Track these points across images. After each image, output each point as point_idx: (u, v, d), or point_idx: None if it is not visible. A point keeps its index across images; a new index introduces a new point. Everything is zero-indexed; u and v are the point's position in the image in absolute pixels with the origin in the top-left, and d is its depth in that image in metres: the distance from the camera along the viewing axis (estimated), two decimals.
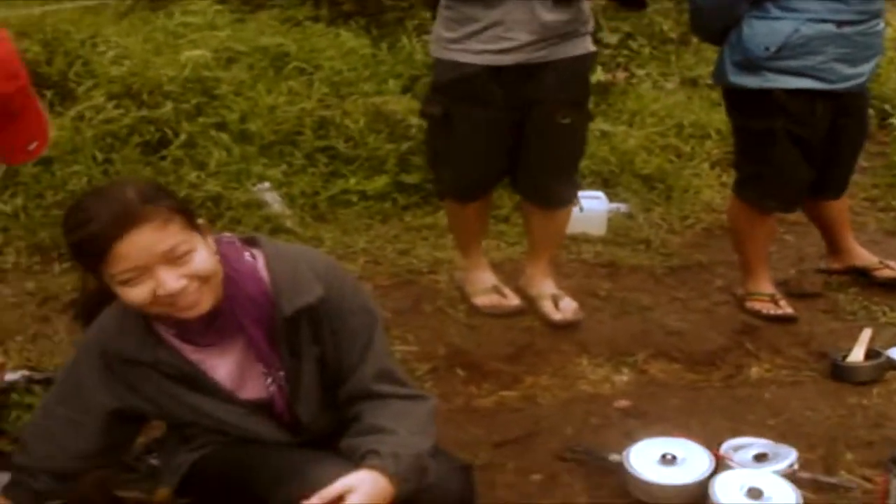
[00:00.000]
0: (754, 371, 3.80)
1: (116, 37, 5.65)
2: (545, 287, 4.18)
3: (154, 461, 2.96)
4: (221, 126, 5.26)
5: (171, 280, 2.07)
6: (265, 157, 5.25)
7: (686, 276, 4.62)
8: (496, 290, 4.21)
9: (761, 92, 3.95)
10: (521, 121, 3.90)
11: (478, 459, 3.14)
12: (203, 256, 2.12)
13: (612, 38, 7.00)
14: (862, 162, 5.88)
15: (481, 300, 4.20)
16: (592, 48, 3.97)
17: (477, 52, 3.77)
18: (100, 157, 4.97)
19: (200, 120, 5.23)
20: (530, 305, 4.17)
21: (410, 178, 5.27)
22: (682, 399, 3.60)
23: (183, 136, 5.11)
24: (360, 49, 6.25)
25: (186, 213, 2.14)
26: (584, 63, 3.95)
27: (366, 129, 5.48)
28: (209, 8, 6.22)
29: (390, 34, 6.57)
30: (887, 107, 7.01)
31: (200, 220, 2.20)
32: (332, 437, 2.32)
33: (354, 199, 5.19)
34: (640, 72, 6.91)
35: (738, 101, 4.12)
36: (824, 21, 3.84)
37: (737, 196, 4.27)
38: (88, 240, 2.05)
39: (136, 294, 2.08)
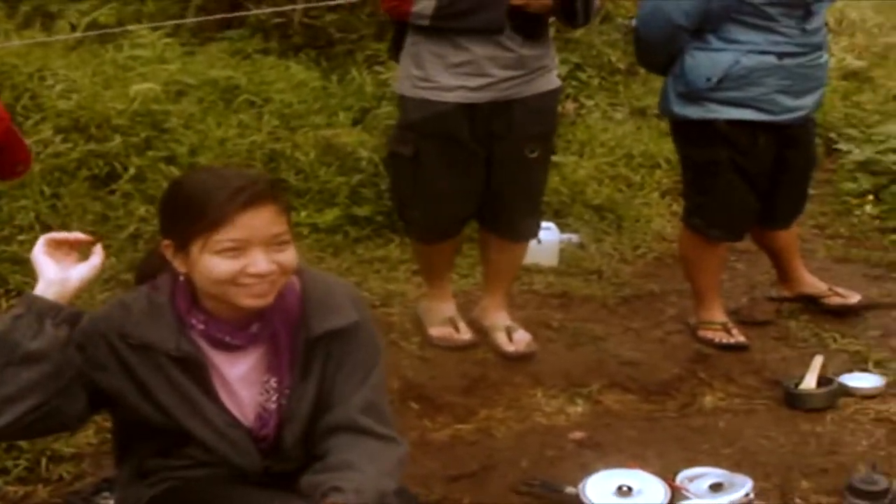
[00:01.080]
0: (708, 400, 3.81)
1: (65, 70, 5.57)
2: (499, 319, 4.16)
3: (103, 501, 2.92)
4: (171, 160, 5.19)
5: (263, 262, 2.15)
6: None
7: (638, 305, 4.64)
8: (451, 322, 4.17)
9: (704, 122, 4.00)
10: (489, 156, 3.88)
11: (433, 494, 3.13)
12: (294, 252, 2.23)
13: (561, 70, 7.03)
14: (810, 190, 5.96)
15: (435, 331, 4.16)
16: (559, 82, 4.02)
17: (450, 89, 3.76)
18: (48, 191, 4.89)
19: (150, 154, 5.16)
20: (484, 337, 4.16)
21: (361, 211, 5.25)
22: (637, 430, 3.60)
23: (132, 170, 5.05)
24: (309, 81, 6.23)
25: (289, 213, 2.26)
26: (553, 97, 4.00)
27: (316, 162, 5.46)
28: (158, 41, 6.16)
29: (340, 66, 6.57)
30: (833, 135, 7.11)
31: None
32: (294, 475, 2.29)
33: (305, 231, 5.14)
34: (590, 102, 6.96)
35: (683, 132, 4.17)
36: (765, 53, 3.89)
37: (685, 225, 4.31)
38: (217, 203, 2.13)
39: (227, 266, 2.14)
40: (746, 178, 4.07)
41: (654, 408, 3.77)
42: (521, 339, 4.09)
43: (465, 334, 4.15)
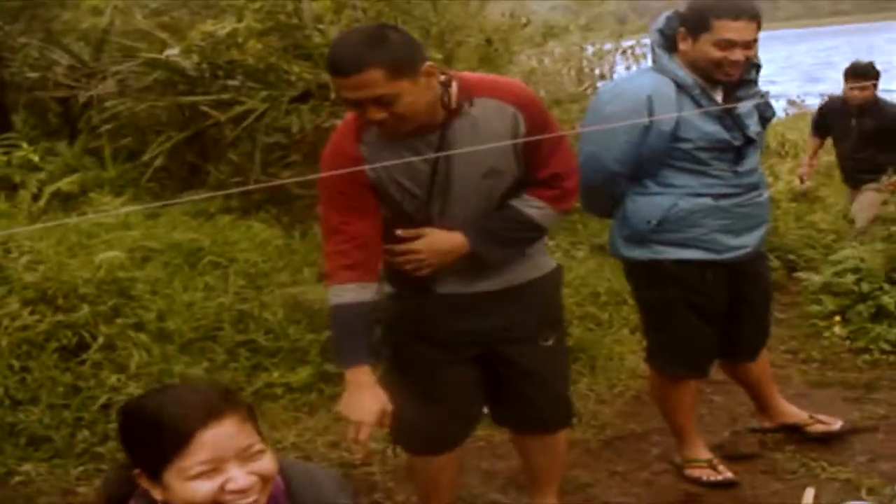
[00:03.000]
0: None
1: (29, 241, 5.56)
2: None
3: None
4: (139, 326, 5.16)
5: (242, 476, 2.05)
6: (186, 356, 5.14)
7: (622, 447, 4.61)
8: None
9: (652, 263, 4.05)
10: (489, 355, 3.45)
11: None
12: (270, 458, 2.12)
13: None
14: (778, 314, 6.01)
15: None
16: (553, 264, 3.58)
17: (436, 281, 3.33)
18: (16, 365, 4.83)
19: (118, 321, 5.13)
20: None
21: (334, 368, 5.19)
22: None
23: (101, 339, 5.00)
24: (272, 239, 6.26)
25: (255, 419, 2.15)
26: (553, 280, 3.56)
27: (285, 321, 5.44)
28: (121, 206, 6.18)
29: (301, 221, 6.61)
30: (792, 257, 7.19)
31: None
32: None
33: (280, 391, 5.10)
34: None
35: (633, 273, 4.23)
36: (701, 195, 3.96)
37: (649, 365, 4.33)
38: (173, 426, 2.03)
39: (206, 489, 2.04)
40: (701, 314, 4.10)
41: None
42: None
43: None
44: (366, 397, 3.11)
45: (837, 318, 6.15)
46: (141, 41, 7.34)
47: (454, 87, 3.11)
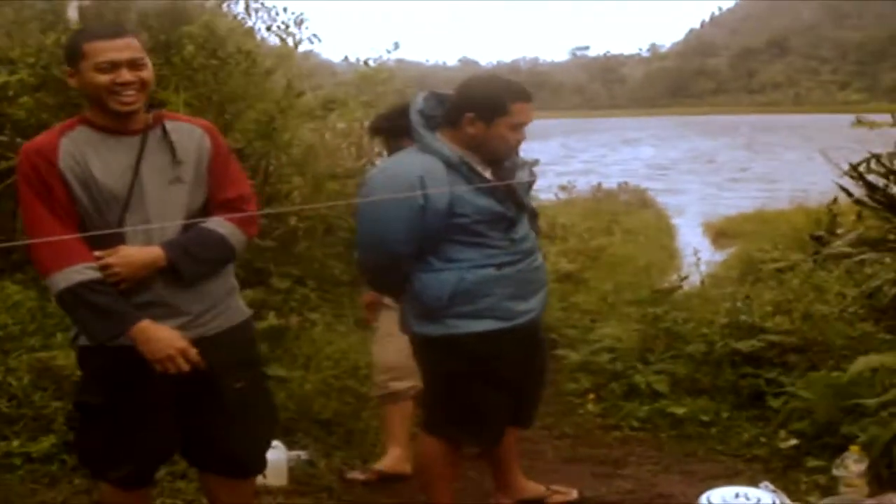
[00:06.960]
0: None
1: None
2: None
3: None
4: None
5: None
6: None
7: None
8: None
9: (447, 338, 4.03)
10: (190, 392, 3.46)
11: None
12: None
13: (283, 283, 7.06)
14: None
15: None
16: (247, 314, 3.67)
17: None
18: None
19: None
20: None
21: None
22: None
23: None
24: (26, 302, 5.98)
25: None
26: (245, 328, 3.66)
27: (30, 387, 5.19)
28: None
29: None
30: (554, 336, 7.34)
31: None
32: None
33: (18, 462, 4.83)
34: (314, 315, 6.95)
35: (428, 349, 4.18)
36: (484, 266, 3.99)
37: (432, 435, 4.25)
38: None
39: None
40: (497, 385, 4.12)
41: None
42: None
43: None
44: (162, 332, 3.32)
45: (592, 395, 6.30)
46: None
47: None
